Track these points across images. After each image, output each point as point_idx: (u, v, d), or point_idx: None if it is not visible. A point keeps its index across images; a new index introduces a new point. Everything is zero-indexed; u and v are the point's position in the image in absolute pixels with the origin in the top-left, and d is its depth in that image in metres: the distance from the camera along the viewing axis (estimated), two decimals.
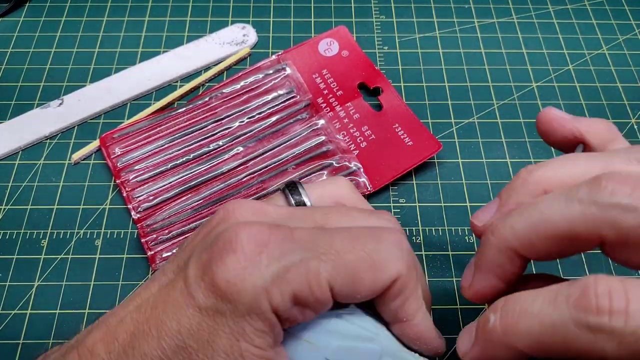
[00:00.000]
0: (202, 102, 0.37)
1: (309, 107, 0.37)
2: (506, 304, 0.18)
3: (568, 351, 0.16)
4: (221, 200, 0.33)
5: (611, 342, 0.15)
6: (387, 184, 0.34)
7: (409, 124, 0.36)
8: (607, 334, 0.15)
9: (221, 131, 0.35)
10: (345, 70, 0.38)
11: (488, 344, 0.19)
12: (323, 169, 0.34)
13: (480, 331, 0.19)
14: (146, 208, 0.33)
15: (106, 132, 0.36)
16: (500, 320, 0.18)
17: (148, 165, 0.34)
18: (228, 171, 0.34)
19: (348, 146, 0.35)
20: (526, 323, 0.17)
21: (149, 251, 0.31)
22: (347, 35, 0.40)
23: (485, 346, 0.19)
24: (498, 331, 0.18)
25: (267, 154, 0.35)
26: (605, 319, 0.15)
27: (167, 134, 0.35)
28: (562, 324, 0.16)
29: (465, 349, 0.20)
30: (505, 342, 0.18)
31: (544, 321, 0.17)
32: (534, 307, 0.17)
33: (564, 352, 0.17)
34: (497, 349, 0.18)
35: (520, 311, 0.18)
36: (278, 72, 0.38)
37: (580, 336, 0.16)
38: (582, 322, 0.16)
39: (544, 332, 0.17)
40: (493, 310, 0.19)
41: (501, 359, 0.19)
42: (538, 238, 0.19)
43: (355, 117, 0.36)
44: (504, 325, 0.18)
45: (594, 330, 0.16)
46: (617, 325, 0.15)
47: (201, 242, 0.21)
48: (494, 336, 0.18)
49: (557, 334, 0.16)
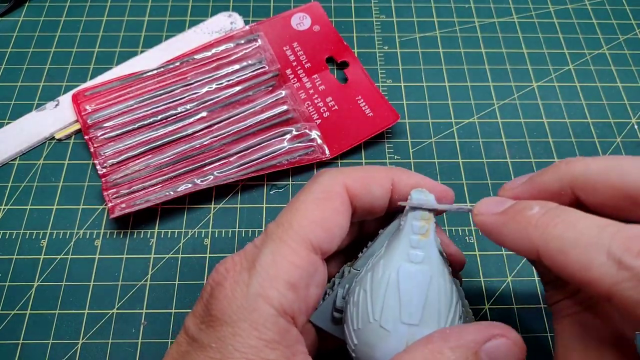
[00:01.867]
0: (173, 67, 0.38)
1: (277, 77, 0.38)
2: (558, 206, 0.19)
3: (581, 271, 0.17)
4: (183, 160, 0.34)
5: (628, 282, 0.16)
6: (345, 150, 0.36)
7: (371, 96, 0.37)
8: (632, 274, 0.16)
9: (189, 95, 0.37)
10: (315, 44, 0.40)
11: (514, 223, 0.19)
12: (283, 136, 0.35)
13: (516, 210, 0.19)
14: (112, 164, 0.34)
15: (78, 89, 0.37)
16: (542, 215, 0.18)
17: (117, 124, 0.36)
18: (193, 133, 0.36)
19: (311, 115, 0.36)
20: (563, 230, 0.17)
21: (110, 203, 0.33)
22: (319, 11, 0.41)
23: (508, 223, 0.19)
24: (533, 221, 0.18)
25: (231, 119, 0.36)
26: (638, 262, 0.16)
27: (136, 95, 0.37)
28: (596, 247, 0.16)
29: (486, 210, 0.20)
30: (530, 233, 0.18)
31: (581, 238, 0.17)
32: (580, 222, 0.17)
33: (576, 271, 0.17)
34: (516, 232, 0.19)
35: (565, 220, 0.18)
36: (249, 43, 0.39)
37: (604, 265, 0.16)
38: (616, 256, 0.16)
39: (574, 245, 0.17)
40: (541, 205, 0.19)
41: (509, 241, 0.19)
42: (605, 185, 0.19)
43: (320, 89, 0.38)
44: (543, 220, 0.18)
45: (622, 266, 0.16)
46: None
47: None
48: (525, 221, 0.18)
49: (585, 252, 0.17)
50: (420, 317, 0.21)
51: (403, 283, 0.21)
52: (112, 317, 0.30)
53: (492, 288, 0.31)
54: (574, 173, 0.20)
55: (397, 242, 0.22)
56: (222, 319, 0.19)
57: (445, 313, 0.21)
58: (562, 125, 0.37)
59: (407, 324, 0.21)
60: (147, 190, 0.33)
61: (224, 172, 0.34)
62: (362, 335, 0.21)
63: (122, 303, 0.30)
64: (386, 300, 0.21)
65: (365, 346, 0.21)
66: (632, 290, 0.15)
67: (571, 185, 0.20)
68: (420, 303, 0.21)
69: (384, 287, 0.21)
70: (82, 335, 0.29)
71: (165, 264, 0.32)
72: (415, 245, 0.22)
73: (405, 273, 0.21)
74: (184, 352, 0.20)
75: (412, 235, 0.22)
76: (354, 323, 0.22)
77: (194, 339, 0.20)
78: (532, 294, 0.31)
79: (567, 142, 0.37)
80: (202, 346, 0.19)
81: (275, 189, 0.35)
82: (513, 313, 0.30)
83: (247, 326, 0.19)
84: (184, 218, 0.33)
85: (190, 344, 0.20)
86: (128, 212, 0.32)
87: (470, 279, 0.31)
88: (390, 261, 0.22)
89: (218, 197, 0.34)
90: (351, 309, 0.22)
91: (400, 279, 0.21)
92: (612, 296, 0.16)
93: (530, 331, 0.30)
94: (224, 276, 0.20)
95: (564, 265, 0.17)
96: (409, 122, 0.37)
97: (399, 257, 0.22)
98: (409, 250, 0.22)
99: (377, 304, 0.21)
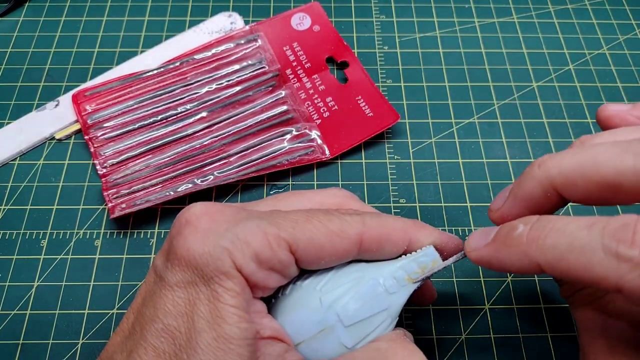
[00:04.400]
0: (173, 67, 0.38)
1: (277, 77, 0.38)
2: (540, 219, 0.19)
3: (585, 273, 0.17)
4: (183, 160, 0.34)
5: (633, 273, 0.16)
6: (345, 150, 0.35)
7: (371, 96, 0.37)
8: (633, 264, 0.16)
9: (189, 96, 0.37)
10: (315, 44, 0.40)
11: (506, 248, 0.19)
12: (283, 136, 0.35)
13: (503, 235, 0.20)
14: (112, 164, 0.34)
15: (78, 90, 0.37)
16: (529, 231, 0.18)
17: (116, 124, 0.36)
18: (193, 134, 0.35)
19: (311, 115, 0.36)
20: (555, 239, 0.18)
21: (110, 203, 0.33)
22: (319, 11, 0.41)
23: (501, 250, 0.19)
24: (523, 240, 0.18)
25: (230, 119, 0.36)
26: (635, 252, 0.16)
27: (136, 95, 0.37)
28: (591, 247, 0.17)
29: (476, 245, 0.20)
30: (525, 251, 0.18)
31: (574, 242, 0.17)
32: (567, 227, 0.18)
33: (581, 273, 0.17)
34: (513, 255, 0.19)
35: (552, 228, 0.18)
36: (249, 43, 0.39)
37: (603, 261, 0.16)
38: (612, 249, 0.16)
39: (570, 250, 0.17)
40: (524, 222, 0.19)
41: (509, 265, 0.19)
42: (583, 180, 0.19)
43: (320, 89, 0.38)
44: (532, 235, 0.18)
45: (621, 258, 0.16)
46: None
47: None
48: (516, 242, 0.19)
49: (582, 254, 0.17)
50: (351, 320, 0.21)
51: (365, 288, 0.21)
52: (112, 317, 0.30)
53: (492, 288, 0.31)
54: (551, 175, 0.20)
55: (384, 263, 0.22)
56: (188, 259, 0.19)
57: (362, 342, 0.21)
58: (562, 125, 0.37)
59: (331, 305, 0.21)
60: (148, 190, 0.33)
61: (224, 172, 0.34)
62: (288, 299, 0.22)
63: (122, 303, 0.30)
64: (338, 282, 0.21)
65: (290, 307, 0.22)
66: (638, 280, 0.16)
67: (552, 186, 0.20)
68: (360, 316, 0.21)
69: (348, 275, 0.22)
70: (82, 335, 0.29)
71: None
72: (399, 279, 0.22)
73: (374, 284, 0.21)
74: (151, 290, 0.20)
75: (401, 270, 0.22)
76: (285, 290, 0.22)
77: (160, 277, 0.20)
78: (532, 294, 0.31)
79: (567, 142, 0.37)
80: (169, 285, 0.20)
81: (276, 189, 0.35)
82: (513, 313, 0.30)
83: (210, 271, 0.19)
84: None
85: (157, 282, 0.20)
86: (128, 212, 0.32)
87: (470, 279, 0.31)
88: (373, 268, 0.22)
89: (218, 197, 0.34)
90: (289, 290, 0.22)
91: (369, 284, 0.21)
92: (621, 289, 0.16)
93: (530, 331, 0.30)
94: (197, 218, 0.20)
95: (568, 270, 0.17)
96: (409, 122, 0.37)
97: (382, 270, 0.22)
98: (393, 274, 0.22)
99: (324, 277, 0.22)
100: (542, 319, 0.30)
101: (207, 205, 0.21)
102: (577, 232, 0.17)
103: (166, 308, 0.19)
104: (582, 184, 0.19)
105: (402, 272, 0.22)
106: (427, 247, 0.23)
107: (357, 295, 0.21)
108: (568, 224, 0.18)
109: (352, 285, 0.21)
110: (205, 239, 0.20)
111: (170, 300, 0.19)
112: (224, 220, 0.20)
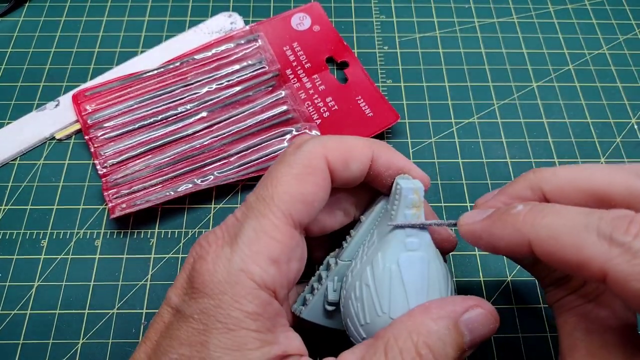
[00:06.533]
0: (173, 67, 0.38)
1: (277, 77, 0.38)
2: (541, 204, 0.19)
3: (572, 253, 0.17)
4: (183, 160, 0.34)
5: (620, 258, 0.16)
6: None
7: (371, 96, 0.37)
8: (624, 249, 0.16)
9: (189, 96, 0.37)
10: (315, 44, 0.40)
11: (500, 223, 0.19)
12: (283, 136, 0.35)
13: (500, 211, 0.20)
14: (112, 164, 0.34)
15: (78, 90, 0.37)
16: (528, 211, 0.19)
17: (117, 124, 0.36)
18: (193, 134, 0.35)
19: (311, 115, 0.36)
20: (552, 219, 0.18)
21: (110, 203, 0.33)
22: (319, 11, 0.41)
23: (495, 224, 0.20)
24: (520, 217, 0.19)
25: (230, 119, 0.36)
26: (629, 238, 0.16)
27: (136, 95, 0.37)
28: (585, 230, 0.17)
29: (471, 220, 0.21)
30: (520, 229, 0.19)
31: (569, 222, 0.17)
32: (566, 210, 0.18)
33: (568, 253, 0.17)
34: (505, 230, 0.19)
35: (552, 210, 0.18)
36: (249, 43, 0.39)
37: (595, 243, 0.17)
38: (606, 234, 0.16)
39: (564, 230, 0.17)
40: (524, 203, 0.19)
41: (498, 240, 0.19)
42: (573, 189, 0.20)
43: (320, 89, 0.38)
44: (529, 215, 0.19)
45: (613, 243, 0.16)
46: (636, 245, 0.16)
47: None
48: (512, 218, 0.19)
49: (575, 234, 0.17)
50: (426, 301, 0.21)
51: (405, 273, 0.22)
52: (112, 317, 0.30)
53: (492, 288, 0.31)
54: (543, 180, 0.20)
55: (390, 232, 0.23)
56: (204, 291, 0.20)
57: (445, 292, 0.22)
58: (562, 125, 0.37)
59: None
60: (148, 190, 0.33)
61: (224, 172, 0.34)
62: (372, 328, 0.22)
63: (122, 303, 0.30)
64: (392, 293, 0.21)
65: None
66: (625, 265, 0.16)
67: (542, 190, 0.20)
68: (424, 288, 0.22)
69: (388, 279, 0.22)
70: (82, 335, 0.29)
71: (165, 264, 0.32)
72: (410, 233, 0.23)
73: (405, 262, 0.22)
74: (168, 323, 0.20)
75: (403, 208, 0.23)
76: (361, 318, 0.22)
77: (177, 310, 0.20)
78: (532, 294, 0.31)
79: (567, 142, 0.37)
80: (185, 317, 0.20)
81: None
82: (513, 313, 0.30)
83: (229, 299, 0.19)
84: (184, 218, 0.33)
85: (174, 315, 0.20)
86: (128, 212, 0.32)
87: (470, 279, 0.31)
88: (388, 252, 0.22)
89: (218, 197, 0.34)
90: (354, 305, 0.22)
91: (402, 269, 0.22)
92: (606, 273, 0.16)
93: (530, 331, 0.30)
94: (206, 250, 0.21)
95: (556, 250, 0.17)
96: (409, 122, 0.37)
97: (395, 247, 0.22)
98: (405, 239, 0.22)
99: (383, 297, 0.21)
100: (542, 319, 0.30)
101: (207, 233, 0.22)
102: (575, 215, 0.18)
103: (181, 339, 0.19)
104: (571, 191, 0.20)
105: (405, 210, 0.23)
106: (395, 185, 0.24)
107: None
108: (567, 208, 0.18)
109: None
110: (216, 267, 0.20)
111: (185, 332, 0.20)
112: (225, 239, 0.21)
